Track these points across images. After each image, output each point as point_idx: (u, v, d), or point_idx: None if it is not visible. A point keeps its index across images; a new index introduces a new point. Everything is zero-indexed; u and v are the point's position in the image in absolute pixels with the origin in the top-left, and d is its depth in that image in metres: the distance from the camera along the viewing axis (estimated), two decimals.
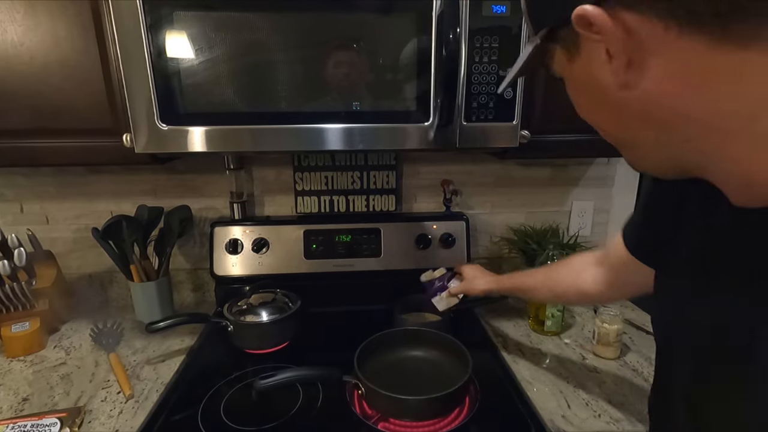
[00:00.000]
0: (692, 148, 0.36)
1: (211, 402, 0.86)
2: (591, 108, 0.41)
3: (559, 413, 0.83)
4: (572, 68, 0.39)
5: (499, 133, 0.87)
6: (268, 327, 1.04)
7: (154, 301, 1.15)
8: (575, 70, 0.39)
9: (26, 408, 0.85)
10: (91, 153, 0.91)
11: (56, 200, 1.22)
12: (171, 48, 0.78)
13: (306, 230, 1.21)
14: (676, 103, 0.34)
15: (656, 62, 0.33)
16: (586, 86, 0.39)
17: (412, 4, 0.79)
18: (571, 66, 0.39)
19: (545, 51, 0.41)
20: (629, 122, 0.38)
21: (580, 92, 0.42)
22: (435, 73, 0.82)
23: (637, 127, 0.38)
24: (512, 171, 1.31)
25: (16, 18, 0.82)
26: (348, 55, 0.83)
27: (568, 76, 0.41)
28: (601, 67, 0.35)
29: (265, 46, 0.80)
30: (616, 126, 0.41)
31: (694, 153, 0.36)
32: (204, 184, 1.24)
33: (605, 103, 0.38)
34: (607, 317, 0.98)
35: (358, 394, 0.83)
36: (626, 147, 0.42)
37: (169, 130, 0.82)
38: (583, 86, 0.40)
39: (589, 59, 0.36)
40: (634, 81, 0.34)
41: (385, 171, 1.25)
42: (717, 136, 0.34)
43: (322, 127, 0.84)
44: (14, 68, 0.84)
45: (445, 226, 1.24)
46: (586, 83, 0.39)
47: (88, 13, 0.82)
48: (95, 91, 0.86)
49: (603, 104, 0.39)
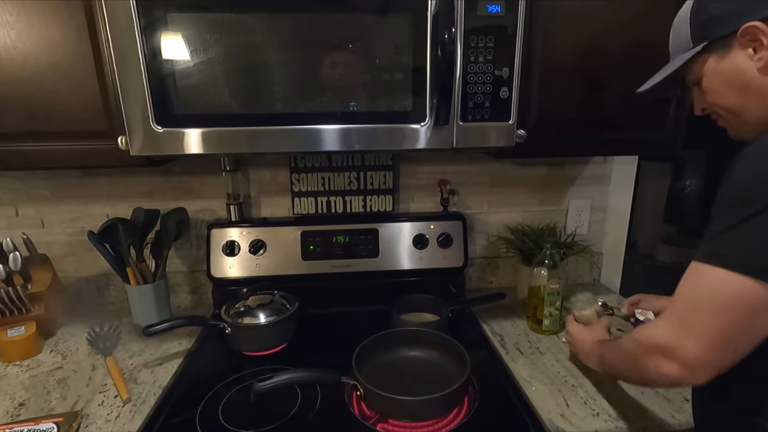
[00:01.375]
0: None
1: (209, 405, 0.86)
2: (725, 89, 0.62)
3: (557, 412, 0.83)
4: (719, 65, 0.61)
5: (496, 133, 0.87)
6: (265, 329, 1.04)
7: (151, 304, 1.15)
8: (722, 65, 0.61)
9: (22, 413, 0.84)
10: (86, 156, 0.91)
11: (51, 203, 1.21)
12: (165, 50, 0.78)
13: (303, 231, 1.20)
14: None
15: None
16: (729, 73, 0.60)
17: (408, 5, 0.79)
18: (719, 63, 0.61)
19: (695, 59, 0.63)
20: (750, 95, 0.59)
21: (720, 79, 0.62)
22: (431, 74, 0.82)
23: (753, 98, 0.59)
24: (509, 170, 1.31)
25: (9, 21, 0.81)
26: (344, 55, 0.83)
27: (711, 72, 0.62)
28: (745, 61, 0.58)
29: (260, 47, 0.80)
30: (739, 99, 0.61)
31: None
32: (200, 186, 1.24)
33: (740, 83, 0.60)
34: (580, 303, 0.98)
35: (356, 395, 0.83)
36: (739, 115, 0.62)
37: (164, 132, 0.81)
38: (725, 74, 0.61)
39: (737, 56, 0.59)
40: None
41: (382, 171, 1.25)
42: None
43: (318, 128, 0.84)
44: (8, 71, 0.84)
45: (442, 226, 1.24)
46: (730, 71, 0.60)
47: (81, 15, 0.82)
48: (89, 94, 0.86)
49: (737, 84, 0.60)
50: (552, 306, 1.08)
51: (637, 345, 0.64)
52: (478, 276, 1.38)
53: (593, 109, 0.97)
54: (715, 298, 0.53)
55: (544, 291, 1.07)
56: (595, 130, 0.99)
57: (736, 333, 0.53)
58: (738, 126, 0.64)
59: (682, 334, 0.55)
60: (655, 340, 0.59)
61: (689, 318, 0.55)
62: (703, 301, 0.54)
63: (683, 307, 0.57)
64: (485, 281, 1.39)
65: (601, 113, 0.98)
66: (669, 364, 0.56)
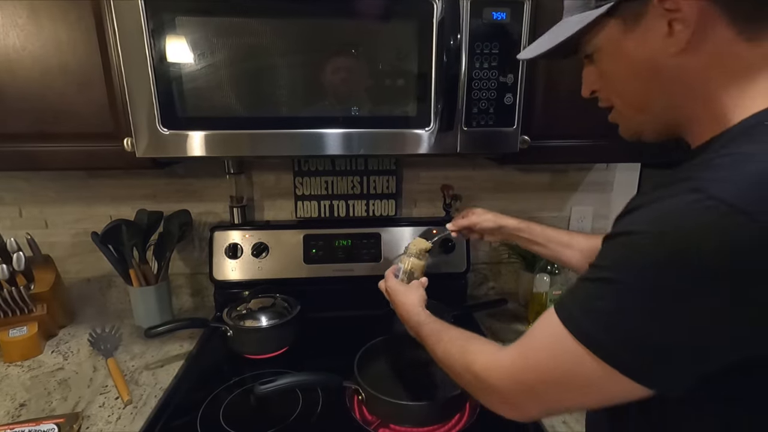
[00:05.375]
0: (684, 112, 0.46)
1: (210, 408, 0.86)
2: (625, 76, 0.49)
3: (559, 418, 0.82)
4: (623, 39, 0.46)
5: (500, 139, 0.87)
6: (267, 332, 1.04)
7: (153, 305, 1.15)
8: (626, 41, 0.46)
9: (23, 414, 0.84)
10: (92, 157, 0.91)
11: (56, 204, 1.21)
12: (173, 53, 0.79)
13: (306, 235, 1.21)
14: (697, 75, 0.43)
15: (704, 41, 0.41)
16: (632, 56, 0.46)
17: (413, 11, 0.80)
18: (623, 37, 0.46)
19: (594, 24, 0.47)
20: (655, 87, 0.46)
21: (620, 61, 0.48)
22: (436, 79, 0.82)
23: (658, 91, 0.46)
24: (512, 176, 1.31)
25: (18, 23, 0.82)
26: (349, 60, 0.83)
27: (610, 47, 0.48)
28: (658, 39, 0.43)
29: (266, 52, 0.81)
30: (641, 91, 0.48)
31: (682, 116, 0.46)
32: (204, 189, 1.24)
33: (646, 70, 0.46)
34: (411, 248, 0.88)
35: (358, 399, 0.83)
36: (637, 111, 0.50)
37: (170, 134, 0.82)
38: (627, 55, 0.47)
39: (647, 31, 0.44)
40: (689, 51, 0.42)
41: (385, 176, 1.26)
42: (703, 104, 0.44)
43: (322, 132, 0.84)
44: (16, 72, 0.84)
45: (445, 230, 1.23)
46: (634, 52, 0.46)
47: (90, 17, 0.83)
48: (97, 96, 0.86)
49: (642, 71, 0.46)
50: None
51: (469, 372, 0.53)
52: (480, 281, 1.37)
53: (597, 116, 0.97)
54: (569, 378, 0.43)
55: (546, 297, 1.07)
56: (599, 137, 0.99)
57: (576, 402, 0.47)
58: (634, 124, 0.52)
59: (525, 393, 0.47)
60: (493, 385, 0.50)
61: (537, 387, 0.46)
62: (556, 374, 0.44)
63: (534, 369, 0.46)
64: (487, 287, 1.38)
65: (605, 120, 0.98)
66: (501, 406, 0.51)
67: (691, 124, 0.46)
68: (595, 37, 0.48)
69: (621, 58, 0.48)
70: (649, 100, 0.48)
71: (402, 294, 0.80)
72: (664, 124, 0.49)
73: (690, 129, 0.47)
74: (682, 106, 0.46)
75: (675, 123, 0.48)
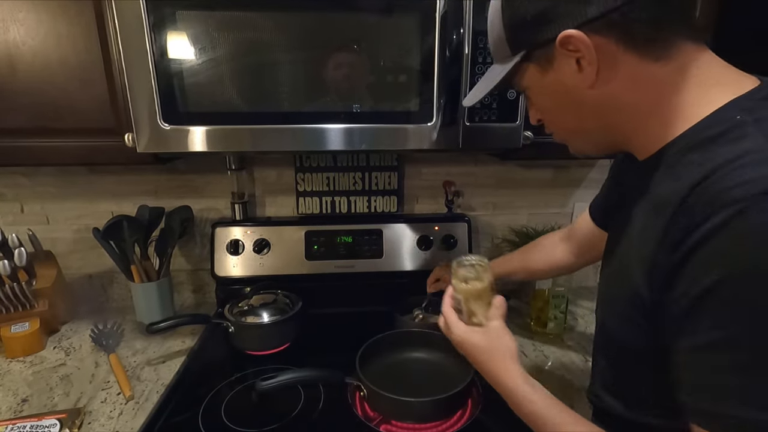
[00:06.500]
0: (621, 131, 0.50)
1: (212, 403, 0.86)
2: (555, 108, 0.54)
3: None
4: (543, 79, 0.50)
5: (502, 134, 0.86)
6: (269, 328, 1.04)
7: (155, 301, 1.15)
8: (546, 80, 0.50)
9: (25, 409, 0.84)
10: (93, 153, 0.91)
11: (57, 200, 1.21)
12: (173, 47, 0.78)
13: (307, 231, 1.20)
14: (619, 100, 0.47)
15: (612, 70, 0.45)
16: (555, 91, 0.50)
17: (416, 5, 0.79)
18: (543, 77, 0.50)
19: (517, 69, 0.51)
20: (585, 114, 0.50)
21: (546, 96, 0.53)
22: (438, 74, 0.82)
23: (590, 117, 0.51)
24: (514, 172, 1.30)
25: (19, 17, 0.82)
26: (352, 55, 0.83)
27: (536, 86, 0.52)
28: (571, 75, 0.47)
29: (267, 46, 0.80)
30: (573, 119, 0.53)
31: (620, 134, 0.51)
32: (205, 185, 1.24)
33: (570, 102, 0.50)
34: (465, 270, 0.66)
35: (359, 396, 0.82)
36: (576, 135, 0.56)
37: (171, 129, 0.82)
38: (551, 91, 0.51)
39: (561, 70, 0.48)
40: (600, 83, 0.46)
41: (387, 172, 1.25)
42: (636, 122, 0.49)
43: (324, 127, 0.84)
44: (16, 67, 0.84)
45: (446, 227, 1.23)
46: (555, 88, 0.50)
47: (90, 12, 0.82)
48: (97, 91, 0.86)
49: (568, 103, 0.51)
50: (557, 309, 1.07)
51: None
52: None
53: None
54: None
55: (549, 294, 1.07)
56: None
57: None
58: (577, 145, 0.57)
59: None
60: None
61: None
62: None
63: None
64: None
65: None
66: None
67: (632, 139, 0.51)
68: (522, 79, 0.53)
69: (547, 95, 0.52)
70: (584, 126, 0.52)
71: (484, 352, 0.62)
72: (605, 143, 0.54)
73: (633, 144, 0.51)
74: (618, 125, 0.50)
75: (616, 141, 0.52)
